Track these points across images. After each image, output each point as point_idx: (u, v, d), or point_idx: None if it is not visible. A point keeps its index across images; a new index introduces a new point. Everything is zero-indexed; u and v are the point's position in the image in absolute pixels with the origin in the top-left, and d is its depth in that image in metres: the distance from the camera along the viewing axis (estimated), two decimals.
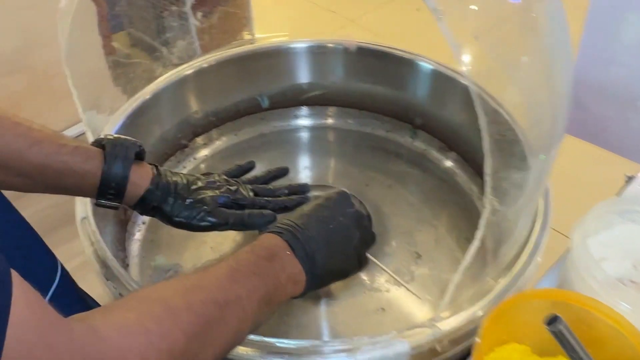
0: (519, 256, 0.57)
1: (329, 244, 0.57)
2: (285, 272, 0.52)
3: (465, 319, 0.53)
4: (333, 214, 0.59)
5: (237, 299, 0.46)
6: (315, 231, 0.56)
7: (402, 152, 0.91)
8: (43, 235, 0.59)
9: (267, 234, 0.56)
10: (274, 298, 0.50)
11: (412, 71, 0.86)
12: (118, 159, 0.57)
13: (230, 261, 0.49)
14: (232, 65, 0.87)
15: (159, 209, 0.61)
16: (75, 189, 0.58)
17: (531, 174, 0.48)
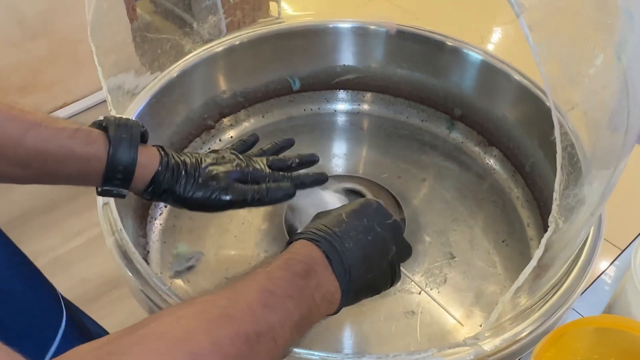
0: (569, 273, 0.53)
1: (365, 258, 0.50)
2: (321, 291, 0.46)
3: (509, 339, 0.49)
4: (371, 224, 0.52)
5: (269, 330, 0.40)
6: (353, 242, 0.49)
7: (437, 143, 0.87)
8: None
9: (302, 240, 0.49)
10: (308, 322, 0.45)
11: (457, 59, 0.81)
12: (124, 141, 0.52)
13: (263, 280, 0.43)
14: (265, 44, 0.82)
15: (170, 192, 0.55)
16: (78, 176, 0.52)
17: (596, 189, 0.44)
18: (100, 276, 1.37)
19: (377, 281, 0.52)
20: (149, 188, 0.55)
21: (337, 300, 0.48)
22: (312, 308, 0.44)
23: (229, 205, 0.58)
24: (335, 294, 0.47)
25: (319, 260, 0.47)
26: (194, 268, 0.71)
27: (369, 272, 0.50)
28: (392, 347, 0.64)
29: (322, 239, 0.48)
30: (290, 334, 0.42)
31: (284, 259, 0.46)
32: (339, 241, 0.49)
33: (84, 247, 1.58)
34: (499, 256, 0.72)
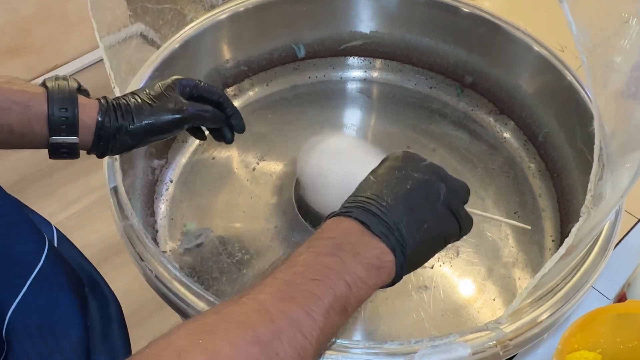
0: (589, 253, 0.53)
1: (412, 209, 0.43)
2: (362, 260, 0.40)
3: (530, 322, 0.49)
4: (405, 173, 0.45)
5: (290, 324, 0.36)
6: (391, 198, 0.43)
7: (446, 111, 0.85)
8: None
9: (330, 219, 0.43)
10: (351, 300, 0.39)
11: (469, 24, 0.78)
12: (62, 86, 0.52)
13: (282, 272, 0.39)
14: (270, 10, 0.79)
15: (121, 127, 0.54)
16: (21, 125, 0.50)
17: (626, 171, 0.43)
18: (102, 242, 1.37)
19: (439, 229, 0.45)
20: (100, 130, 0.53)
21: (390, 263, 0.41)
22: (352, 283, 0.39)
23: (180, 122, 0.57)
24: (385, 256, 0.41)
25: (351, 229, 0.42)
26: (203, 245, 0.70)
27: (422, 221, 0.43)
28: (405, 323, 0.64)
29: (353, 208, 0.43)
30: (326, 320, 0.37)
31: (305, 244, 0.41)
32: (374, 203, 0.43)
33: (83, 213, 1.57)
34: (511, 228, 0.72)
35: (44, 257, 0.49)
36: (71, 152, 0.53)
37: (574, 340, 0.44)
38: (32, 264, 0.48)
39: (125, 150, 0.57)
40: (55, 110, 0.51)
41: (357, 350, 0.46)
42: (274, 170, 0.77)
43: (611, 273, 0.60)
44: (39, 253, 0.49)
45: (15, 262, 0.47)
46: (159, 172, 0.74)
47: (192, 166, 0.77)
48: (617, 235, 0.56)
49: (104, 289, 0.57)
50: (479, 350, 0.47)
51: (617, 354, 0.47)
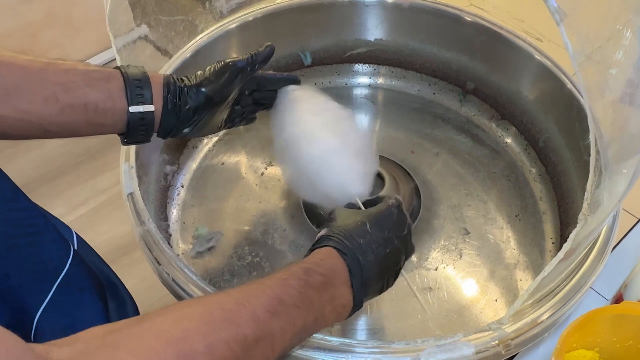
0: (588, 255, 0.55)
1: (380, 272, 0.51)
2: (333, 304, 0.47)
3: (531, 322, 0.51)
4: (390, 236, 0.53)
5: (268, 336, 0.41)
6: (374, 255, 0.50)
7: (449, 116, 0.87)
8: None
9: (329, 249, 0.49)
10: (310, 331, 0.46)
11: (471, 32, 0.80)
12: (132, 66, 0.55)
13: (277, 286, 0.44)
14: (278, 19, 0.81)
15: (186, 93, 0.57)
16: (103, 99, 0.53)
17: (622, 177, 0.45)
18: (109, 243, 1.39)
19: (384, 288, 0.54)
20: (166, 91, 0.56)
21: (347, 312, 0.49)
22: (318, 319, 0.46)
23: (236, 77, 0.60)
24: (347, 306, 0.48)
25: (340, 273, 0.48)
26: (214, 248, 0.72)
27: (380, 282, 0.52)
28: (410, 323, 0.66)
29: (349, 251, 0.49)
30: (290, 341, 0.44)
31: (304, 268, 0.47)
32: (363, 254, 0.50)
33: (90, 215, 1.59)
34: (513, 231, 0.74)
35: (69, 263, 0.51)
36: (147, 126, 0.56)
37: (572, 339, 0.46)
38: (58, 270, 0.50)
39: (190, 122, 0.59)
40: (131, 80, 0.54)
41: (364, 350, 0.49)
42: (281, 174, 0.79)
43: (609, 275, 0.62)
44: (64, 259, 0.51)
45: (42, 269, 0.50)
46: (171, 177, 0.77)
47: (203, 171, 0.80)
48: (615, 237, 0.58)
49: (121, 291, 0.59)
50: (482, 349, 0.49)
51: (613, 352, 0.49)
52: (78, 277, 0.51)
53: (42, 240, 0.49)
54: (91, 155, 1.70)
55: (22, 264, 0.47)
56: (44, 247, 0.49)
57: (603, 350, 0.50)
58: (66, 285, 0.49)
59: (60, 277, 0.49)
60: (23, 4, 1.63)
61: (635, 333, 0.47)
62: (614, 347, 0.49)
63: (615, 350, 0.49)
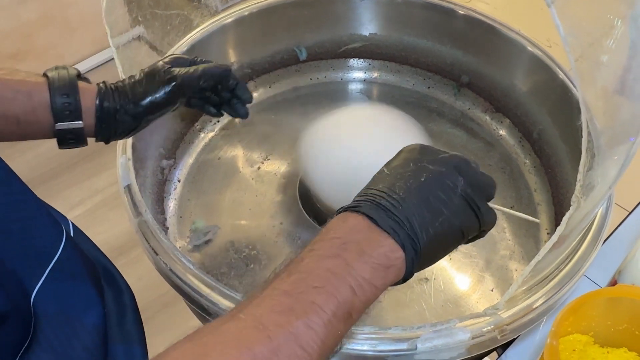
0: (581, 242, 0.55)
1: (426, 201, 0.40)
2: (368, 259, 0.38)
3: (526, 308, 0.51)
4: (421, 165, 0.42)
5: (288, 339, 0.34)
6: (404, 191, 0.40)
7: (444, 110, 0.88)
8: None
9: (338, 215, 0.41)
10: (356, 304, 0.37)
11: (464, 26, 0.81)
12: (62, 72, 0.53)
13: (282, 280, 0.37)
14: (273, 14, 0.82)
15: (121, 108, 0.54)
16: (25, 114, 0.51)
17: (614, 163, 0.45)
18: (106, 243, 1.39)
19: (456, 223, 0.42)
20: (101, 112, 0.54)
21: (400, 260, 0.39)
22: (357, 286, 0.37)
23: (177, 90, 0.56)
24: (394, 253, 0.39)
25: (357, 226, 0.39)
26: (211, 242, 0.72)
27: (437, 215, 0.41)
28: (407, 313, 0.66)
29: (362, 202, 0.40)
30: (327, 329, 0.35)
31: (309, 246, 0.39)
32: (385, 196, 0.40)
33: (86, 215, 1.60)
34: (508, 222, 0.75)
35: (62, 248, 0.51)
36: (78, 139, 0.54)
37: (567, 323, 0.46)
38: (51, 254, 0.50)
39: (129, 132, 0.57)
40: (57, 97, 0.52)
41: (361, 336, 0.49)
42: (278, 169, 0.79)
43: (603, 263, 0.63)
44: (56, 244, 0.51)
45: (35, 253, 0.50)
46: (168, 172, 0.77)
47: (199, 166, 0.80)
48: (609, 226, 0.59)
49: (118, 280, 0.59)
50: (477, 334, 0.49)
51: (608, 336, 0.50)
52: (71, 263, 0.51)
53: (35, 224, 0.50)
54: (87, 156, 1.70)
55: (15, 248, 0.48)
56: (37, 232, 0.50)
57: (598, 334, 0.50)
58: (59, 270, 0.50)
59: (53, 262, 0.50)
60: (19, 5, 1.63)
61: (629, 316, 0.48)
62: (609, 331, 0.49)
63: (610, 334, 0.49)
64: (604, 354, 0.50)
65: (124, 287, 0.60)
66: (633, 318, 0.47)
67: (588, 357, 0.49)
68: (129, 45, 0.63)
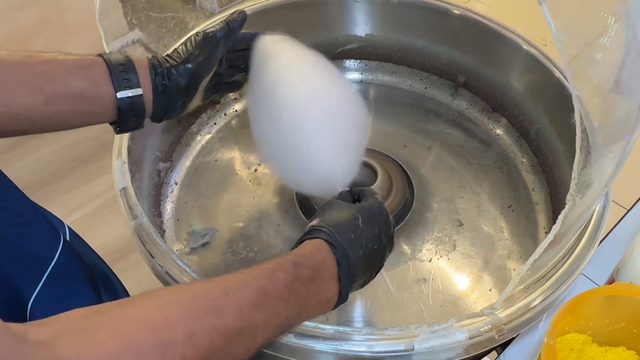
0: (579, 241, 0.55)
1: (367, 267, 0.52)
2: (319, 297, 0.47)
3: (524, 307, 0.51)
4: (379, 233, 0.53)
5: (251, 327, 0.41)
6: (362, 251, 0.50)
7: (441, 110, 0.88)
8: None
9: (320, 241, 0.49)
10: (293, 322, 0.47)
11: (460, 26, 0.81)
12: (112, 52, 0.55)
13: (263, 278, 0.44)
14: (269, 16, 0.82)
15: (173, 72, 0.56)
16: (88, 87, 0.52)
17: (610, 161, 0.45)
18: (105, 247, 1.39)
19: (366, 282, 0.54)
20: (154, 76, 0.55)
21: (332, 305, 0.49)
22: (302, 312, 0.46)
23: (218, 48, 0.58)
24: (332, 300, 0.48)
25: (329, 267, 0.48)
26: (208, 244, 0.72)
27: (364, 276, 0.52)
28: (406, 314, 0.66)
29: (339, 246, 0.49)
30: (272, 332, 0.44)
31: (293, 261, 0.46)
32: (352, 249, 0.49)
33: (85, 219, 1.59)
34: (506, 221, 0.74)
35: (59, 252, 0.51)
36: (137, 112, 0.55)
37: (564, 322, 0.46)
38: (48, 259, 0.50)
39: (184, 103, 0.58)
40: (115, 67, 0.53)
41: (359, 337, 0.49)
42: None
43: (601, 261, 0.63)
44: (54, 249, 0.51)
45: (33, 259, 0.50)
46: (164, 174, 0.77)
47: (196, 168, 0.80)
48: (606, 224, 0.59)
49: (115, 283, 0.59)
50: (475, 334, 0.49)
51: (606, 335, 0.49)
52: (68, 268, 0.51)
53: (32, 230, 0.49)
54: (85, 160, 1.70)
55: (12, 254, 0.47)
56: (34, 237, 0.49)
57: (596, 333, 0.50)
58: (56, 275, 0.49)
59: (50, 267, 0.49)
60: (16, 10, 1.63)
61: (627, 315, 0.47)
62: (607, 330, 0.49)
63: (608, 333, 0.49)
64: (602, 352, 0.49)
65: (121, 290, 0.60)
66: (631, 316, 0.47)
67: (586, 356, 0.49)
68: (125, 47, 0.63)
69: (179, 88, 0.57)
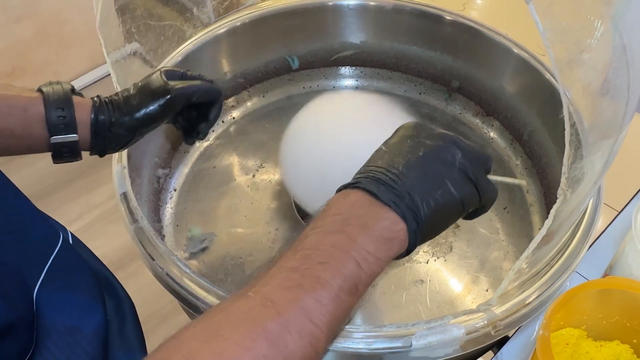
0: (572, 238, 0.56)
1: (425, 174, 0.41)
2: (371, 233, 0.38)
3: (519, 303, 0.52)
4: (418, 140, 0.43)
5: (299, 313, 0.35)
6: (402, 165, 0.41)
7: (436, 115, 0.89)
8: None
9: (339, 192, 0.42)
10: (362, 278, 0.38)
11: (452, 32, 0.82)
12: (56, 87, 0.54)
13: (288, 259, 0.38)
14: (265, 24, 0.83)
15: (116, 121, 0.55)
16: (22, 128, 0.52)
17: (599, 158, 0.46)
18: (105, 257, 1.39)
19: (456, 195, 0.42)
20: (96, 126, 0.54)
21: (402, 232, 0.40)
22: (362, 260, 0.38)
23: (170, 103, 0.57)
24: (396, 225, 0.40)
25: (358, 201, 0.40)
26: (207, 249, 0.73)
27: (437, 187, 0.41)
28: (404, 315, 0.67)
29: (362, 179, 0.41)
30: (335, 304, 0.36)
31: (312, 224, 0.40)
32: (383, 171, 0.41)
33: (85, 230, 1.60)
34: (501, 223, 0.75)
35: (59, 247, 0.52)
36: (73, 153, 0.55)
37: (558, 316, 0.47)
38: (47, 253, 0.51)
39: (124, 145, 0.58)
40: (52, 110, 0.52)
41: (357, 335, 0.49)
42: (273, 176, 0.80)
43: (595, 261, 0.64)
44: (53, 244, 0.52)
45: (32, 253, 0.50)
46: (164, 180, 0.78)
47: (195, 175, 0.81)
48: (599, 225, 0.60)
49: (118, 289, 0.60)
50: (472, 330, 0.50)
51: (600, 329, 0.50)
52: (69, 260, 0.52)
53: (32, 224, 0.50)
54: (84, 171, 1.71)
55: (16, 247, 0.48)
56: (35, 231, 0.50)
57: (590, 327, 0.51)
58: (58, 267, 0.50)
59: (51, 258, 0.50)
60: (14, 23, 1.65)
61: (620, 308, 0.48)
62: (601, 324, 0.50)
63: (602, 327, 0.50)
64: (597, 347, 0.50)
65: (124, 296, 0.60)
66: (624, 310, 0.48)
67: (581, 351, 0.50)
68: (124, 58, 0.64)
69: (120, 137, 0.56)
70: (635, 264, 0.53)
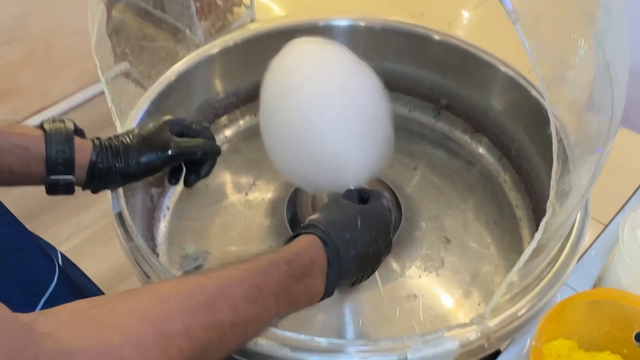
0: (561, 251, 0.57)
1: (358, 268, 0.53)
2: (307, 292, 0.49)
3: (512, 316, 0.53)
4: (376, 238, 0.54)
5: (244, 322, 0.43)
6: (356, 251, 0.52)
7: (425, 132, 0.90)
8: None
9: (313, 237, 0.51)
10: (282, 315, 0.48)
11: (440, 51, 0.84)
12: (59, 127, 0.55)
13: (258, 275, 0.45)
14: (258, 44, 0.84)
15: (113, 169, 0.58)
16: (20, 165, 0.54)
17: (585, 172, 0.48)
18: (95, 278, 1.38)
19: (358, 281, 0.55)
20: (93, 170, 0.57)
21: (317, 300, 0.50)
22: (291, 305, 0.47)
23: (169, 159, 0.61)
24: (319, 295, 0.50)
25: (320, 265, 0.49)
26: (202, 267, 0.73)
27: (355, 276, 0.54)
28: (397, 330, 0.67)
29: (332, 244, 0.50)
30: (263, 326, 0.46)
31: (287, 258, 0.48)
32: (345, 247, 0.51)
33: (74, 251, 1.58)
34: (491, 237, 0.77)
35: (56, 277, 0.52)
36: (67, 189, 0.57)
37: (550, 327, 0.48)
38: (46, 285, 0.51)
39: (117, 186, 0.61)
40: (52, 151, 0.54)
41: (353, 349, 0.50)
42: (266, 194, 0.81)
43: (583, 272, 0.65)
44: (51, 274, 0.52)
45: (29, 284, 0.50)
46: (157, 199, 0.78)
47: (188, 193, 0.81)
48: (587, 239, 0.61)
49: None
50: (465, 343, 0.51)
51: (591, 340, 0.51)
52: (65, 293, 0.52)
53: (28, 255, 0.50)
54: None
55: (10, 279, 0.48)
56: (32, 263, 0.50)
57: (582, 338, 0.52)
58: (54, 299, 0.50)
59: (48, 293, 0.50)
60: (2, 46, 1.65)
61: (610, 319, 0.49)
62: (592, 335, 0.51)
63: (593, 338, 0.51)
64: (589, 358, 0.51)
65: None
66: (614, 320, 0.49)
67: None
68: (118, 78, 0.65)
69: (115, 182, 0.60)
70: (624, 275, 0.54)
